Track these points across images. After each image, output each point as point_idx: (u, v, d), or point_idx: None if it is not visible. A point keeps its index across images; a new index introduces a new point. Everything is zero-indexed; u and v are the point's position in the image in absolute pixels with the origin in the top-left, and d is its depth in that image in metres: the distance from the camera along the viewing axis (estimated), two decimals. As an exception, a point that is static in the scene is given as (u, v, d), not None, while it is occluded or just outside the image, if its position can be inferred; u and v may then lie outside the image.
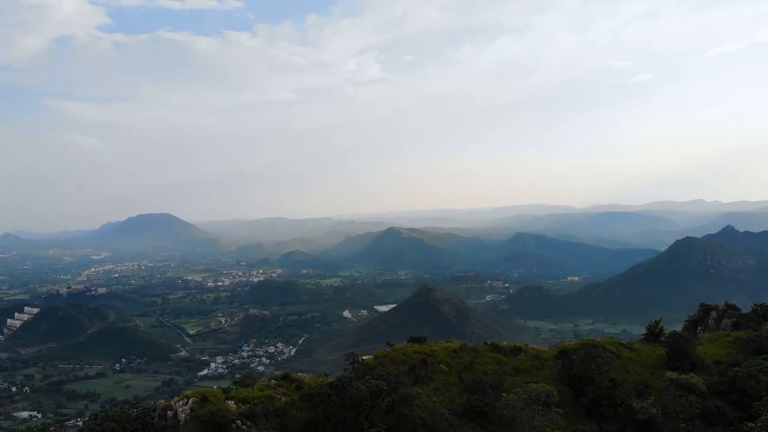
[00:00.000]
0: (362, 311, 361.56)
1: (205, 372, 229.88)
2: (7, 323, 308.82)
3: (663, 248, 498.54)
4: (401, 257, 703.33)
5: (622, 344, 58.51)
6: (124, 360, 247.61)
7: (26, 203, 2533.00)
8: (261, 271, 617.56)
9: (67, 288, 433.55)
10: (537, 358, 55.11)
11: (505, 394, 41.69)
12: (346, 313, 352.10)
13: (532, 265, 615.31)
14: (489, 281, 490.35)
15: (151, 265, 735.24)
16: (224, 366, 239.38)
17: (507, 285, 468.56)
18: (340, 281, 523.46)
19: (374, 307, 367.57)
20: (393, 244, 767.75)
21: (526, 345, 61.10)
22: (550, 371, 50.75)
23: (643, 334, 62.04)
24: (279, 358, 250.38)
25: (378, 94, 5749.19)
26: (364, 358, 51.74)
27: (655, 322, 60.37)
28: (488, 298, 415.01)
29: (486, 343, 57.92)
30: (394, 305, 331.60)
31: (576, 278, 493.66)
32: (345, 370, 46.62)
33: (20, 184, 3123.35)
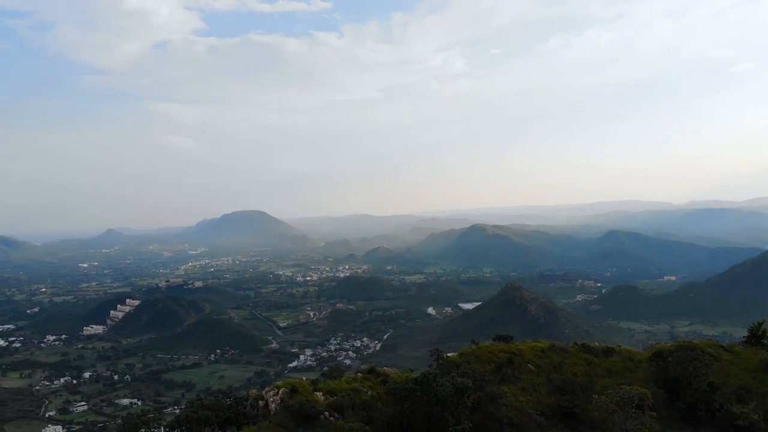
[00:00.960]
0: (446, 308, 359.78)
1: (294, 364, 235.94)
2: (111, 314, 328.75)
3: (767, 247, 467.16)
4: (486, 254, 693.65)
5: (722, 347, 55.46)
6: (218, 351, 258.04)
7: (128, 201, 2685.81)
8: (347, 267, 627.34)
9: (166, 281, 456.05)
10: (630, 359, 53.11)
11: (596, 396, 40.41)
12: (430, 310, 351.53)
13: (626, 264, 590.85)
14: (579, 280, 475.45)
15: (245, 260, 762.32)
16: (313, 358, 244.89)
17: (599, 284, 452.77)
18: (424, 278, 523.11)
19: (458, 304, 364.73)
20: (477, 241, 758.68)
21: (619, 346, 58.96)
22: (644, 373, 48.81)
23: (744, 337, 58.44)
24: (365, 353, 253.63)
25: (463, 90, 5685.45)
26: (449, 355, 51.53)
27: (758, 324, 56.77)
28: (579, 297, 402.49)
29: (576, 344, 56.37)
30: (479, 303, 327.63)
31: (673, 278, 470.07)
32: (430, 366, 46.58)
33: (122, 182, 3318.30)
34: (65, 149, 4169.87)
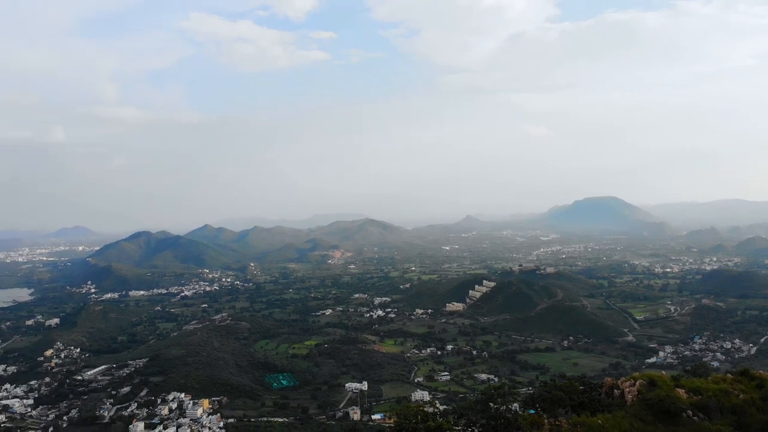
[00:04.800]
0: None
1: (653, 360, 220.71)
2: (469, 294, 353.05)
3: None
4: None
5: None
6: (571, 338, 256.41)
7: (484, 189, 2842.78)
8: (714, 259, 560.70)
9: (519, 266, 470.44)
10: None
11: None
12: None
13: None
14: None
15: (597, 247, 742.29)
16: (673, 356, 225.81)
17: None
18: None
19: None
20: None
21: None
22: None
23: None
24: (736, 356, 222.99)
25: None
26: None
27: None
28: None
29: None
30: None
31: None
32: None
33: (480, 172, 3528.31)
34: (426, 143, 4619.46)
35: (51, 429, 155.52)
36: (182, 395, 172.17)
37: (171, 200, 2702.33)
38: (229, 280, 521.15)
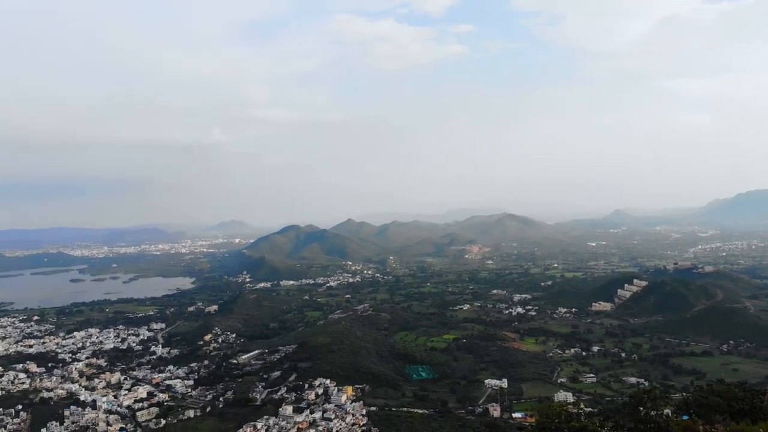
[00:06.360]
0: None
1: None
2: (618, 293, 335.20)
3: None
4: None
5: None
6: (731, 342, 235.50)
7: (635, 181, 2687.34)
8: None
9: (674, 264, 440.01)
10: None
11: None
12: None
13: None
14: None
15: (762, 245, 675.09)
16: None
17: None
18: None
19: None
20: None
21: None
22: None
23: None
24: None
25: None
26: None
27: None
28: None
29: None
30: None
31: None
32: None
33: (629, 162, 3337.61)
34: (568, 134, 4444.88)
35: (209, 409, 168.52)
36: (327, 381, 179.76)
37: (317, 195, 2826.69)
38: (370, 272, 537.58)
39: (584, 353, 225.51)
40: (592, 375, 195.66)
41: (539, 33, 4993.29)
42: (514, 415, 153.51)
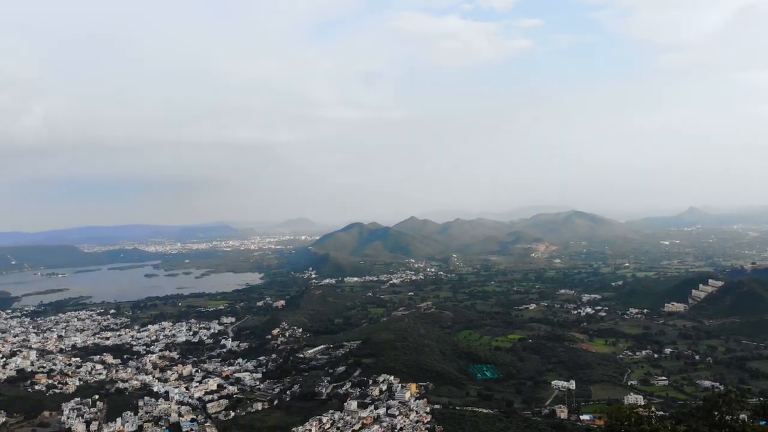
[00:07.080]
0: None
1: None
2: (692, 293, 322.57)
3: None
4: None
5: None
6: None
7: (710, 179, 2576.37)
8: None
9: (752, 263, 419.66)
10: None
11: None
12: None
13: None
14: None
15: None
16: None
17: None
18: None
19: None
20: None
21: None
22: None
23: None
24: None
25: None
26: None
27: None
28: None
29: None
30: None
31: None
32: None
33: (704, 159, 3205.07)
34: (639, 129, 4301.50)
35: (276, 402, 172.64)
36: (391, 378, 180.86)
37: (380, 193, 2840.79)
38: (432, 270, 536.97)
39: (656, 355, 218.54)
40: (663, 378, 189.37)
41: (609, 25, 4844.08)
42: (581, 417, 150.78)
